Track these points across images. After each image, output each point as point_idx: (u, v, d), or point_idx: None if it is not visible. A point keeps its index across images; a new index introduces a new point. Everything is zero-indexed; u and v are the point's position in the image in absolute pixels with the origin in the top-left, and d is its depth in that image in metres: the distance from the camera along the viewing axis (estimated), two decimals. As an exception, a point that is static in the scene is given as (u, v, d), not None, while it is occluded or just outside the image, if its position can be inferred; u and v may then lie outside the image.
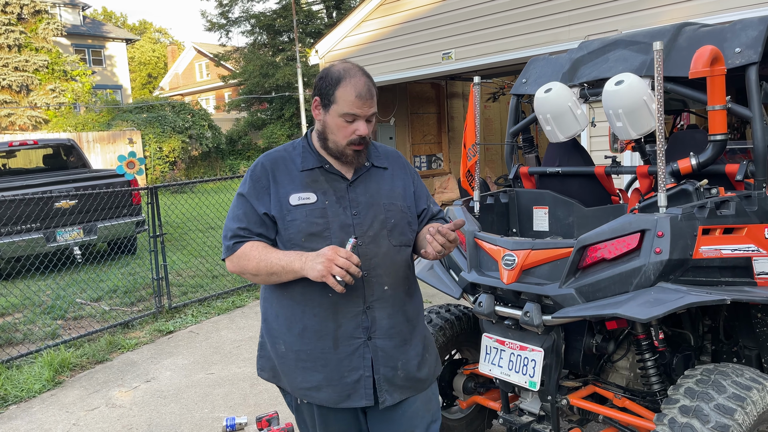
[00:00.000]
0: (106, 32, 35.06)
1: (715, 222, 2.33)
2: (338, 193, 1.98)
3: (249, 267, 1.93)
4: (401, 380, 2.01)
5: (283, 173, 1.99)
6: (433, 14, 8.16)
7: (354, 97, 1.90)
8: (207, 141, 22.36)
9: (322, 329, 1.95)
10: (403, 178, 2.12)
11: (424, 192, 2.18)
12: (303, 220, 1.92)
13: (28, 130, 22.60)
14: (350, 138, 1.94)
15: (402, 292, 2.04)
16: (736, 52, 2.61)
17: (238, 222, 1.98)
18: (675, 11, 6.18)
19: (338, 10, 25.47)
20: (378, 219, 1.99)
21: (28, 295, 6.87)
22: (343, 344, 1.95)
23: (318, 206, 1.94)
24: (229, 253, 1.97)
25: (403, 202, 2.07)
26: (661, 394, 2.57)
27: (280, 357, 2.03)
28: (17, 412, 4.22)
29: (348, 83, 1.91)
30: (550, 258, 2.42)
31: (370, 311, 1.96)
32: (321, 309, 1.94)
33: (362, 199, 1.99)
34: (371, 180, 2.05)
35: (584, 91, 3.08)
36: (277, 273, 1.89)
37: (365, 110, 1.92)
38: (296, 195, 1.95)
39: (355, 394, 1.96)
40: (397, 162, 2.15)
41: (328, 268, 1.78)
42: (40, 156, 10.49)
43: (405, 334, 2.03)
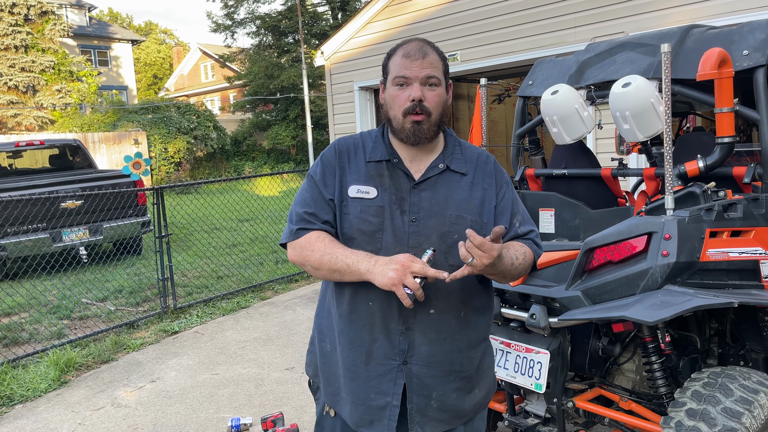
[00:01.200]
0: (112, 33, 35.20)
1: (722, 225, 2.32)
2: (400, 193, 1.77)
3: (312, 259, 1.74)
4: (434, 411, 1.78)
5: (352, 160, 1.82)
6: (438, 16, 8.16)
7: (402, 57, 1.73)
8: (212, 142, 22.41)
9: (356, 339, 1.78)
10: (485, 188, 1.82)
11: (510, 207, 1.84)
12: (356, 215, 1.75)
13: (34, 131, 22.72)
14: (405, 106, 1.72)
15: (453, 317, 1.77)
16: (744, 54, 2.61)
17: (305, 206, 1.80)
18: (682, 13, 6.16)
19: (343, 12, 25.50)
20: (438, 231, 1.74)
21: (34, 294, 6.90)
22: (376, 362, 1.75)
23: (375, 203, 1.75)
24: (292, 238, 1.80)
25: (476, 216, 1.78)
26: (668, 397, 2.56)
27: (325, 356, 1.88)
28: (23, 412, 4.23)
29: (400, 49, 1.76)
30: (557, 260, 2.42)
31: (409, 333, 1.74)
32: (359, 316, 1.77)
33: (425, 206, 1.75)
34: (442, 185, 1.79)
35: (591, 93, 3.07)
36: (340, 271, 1.70)
37: (415, 71, 1.71)
38: (356, 186, 1.77)
39: (378, 422, 1.76)
40: (483, 168, 1.85)
41: (401, 276, 1.58)
42: (46, 156, 10.53)
43: (449, 365, 1.78)
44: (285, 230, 1.85)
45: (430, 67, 1.72)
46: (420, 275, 1.58)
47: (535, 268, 1.88)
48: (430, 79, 1.73)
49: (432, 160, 1.82)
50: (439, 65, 1.75)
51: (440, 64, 1.76)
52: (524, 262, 1.76)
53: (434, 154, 1.83)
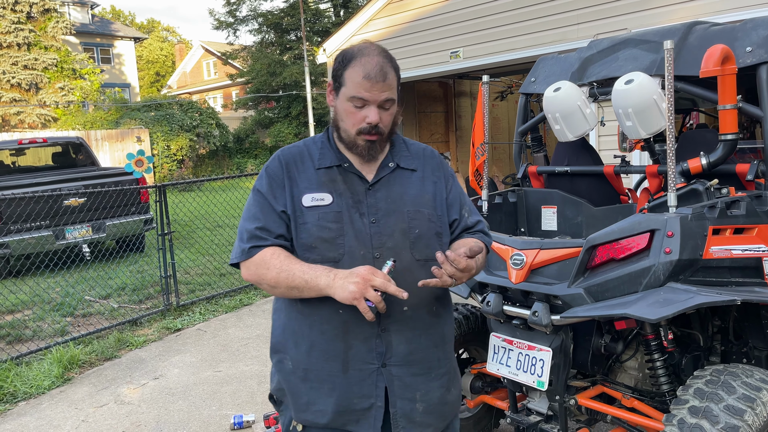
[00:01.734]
0: (115, 31, 35.22)
1: (725, 222, 2.32)
2: (356, 196, 1.76)
3: (268, 277, 1.69)
4: (420, 415, 1.76)
5: (300, 170, 1.78)
6: (441, 13, 8.15)
7: (361, 77, 1.67)
8: (214, 139, 22.42)
9: (329, 349, 1.72)
10: (435, 182, 1.86)
11: (458, 199, 1.89)
12: (315, 224, 1.71)
13: (37, 128, 22.76)
14: (359, 126, 1.71)
15: (426, 313, 1.78)
16: (747, 51, 2.60)
17: (255, 221, 1.74)
18: (685, 10, 6.14)
19: (346, 9, 25.48)
20: (399, 229, 1.74)
21: (38, 292, 6.92)
22: (353, 369, 1.72)
23: (332, 209, 1.72)
24: (244, 257, 1.73)
25: (431, 210, 1.81)
26: (670, 395, 2.56)
27: (287, 375, 1.81)
28: (26, 409, 4.25)
29: (358, 63, 1.69)
30: (559, 258, 2.41)
31: (385, 335, 1.72)
32: (329, 326, 1.72)
33: (382, 206, 1.76)
34: (395, 183, 1.80)
35: (593, 90, 3.07)
36: (298, 288, 1.66)
37: (375, 94, 1.67)
38: (310, 195, 1.73)
39: (363, 420, 1.74)
40: (429, 162, 1.89)
41: (362, 290, 1.56)
42: (49, 154, 10.55)
43: (428, 362, 1.78)
44: (235, 249, 1.77)
45: (388, 90, 1.70)
46: (381, 290, 1.57)
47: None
48: (387, 102, 1.72)
49: (381, 160, 1.82)
50: (395, 83, 1.73)
51: (396, 81, 1.74)
52: (484, 259, 1.83)
53: (382, 154, 1.83)
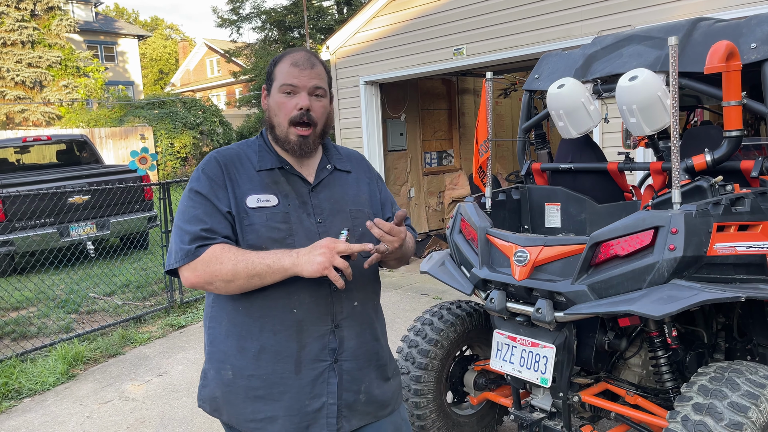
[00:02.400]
0: (118, 29, 35.26)
1: (729, 219, 2.31)
2: (301, 197, 1.79)
3: (223, 271, 1.63)
4: (362, 405, 1.81)
5: (240, 171, 1.77)
6: (444, 9, 8.13)
7: (290, 65, 1.74)
8: (218, 137, 22.44)
9: (282, 350, 1.71)
10: (369, 183, 1.96)
11: (389, 198, 2.01)
12: (263, 224, 1.70)
13: (41, 126, 22.80)
14: (292, 114, 1.73)
15: (371, 307, 1.86)
16: (752, 47, 2.59)
17: (199, 224, 1.68)
18: (690, 6, 6.12)
19: (349, 6, 25.45)
20: (344, 227, 1.76)
21: (43, 289, 6.94)
22: (306, 368, 1.72)
23: (280, 210, 1.73)
24: (189, 259, 1.66)
25: (369, 208, 1.89)
26: (674, 392, 2.56)
27: (226, 385, 1.75)
28: (31, 405, 4.27)
29: (287, 57, 1.78)
30: (563, 254, 2.41)
31: (338, 330, 1.76)
32: (282, 327, 1.71)
33: (326, 206, 1.81)
34: (335, 185, 1.86)
35: (597, 86, 3.06)
36: (260, 274, 1.62)
37: (304, 80, 1.73)
38: (254, 196, 1.73)
39: (315, 424, 1.73)
40: (360, 165, 1.98)
41: (329, 258, 1.58)
42: (53, 152, 10.58)
43: (370, 355, 1.84)
44: (173, 254, 1.70)
45: (317, 78, 1.76)
46: (346, 253, 1.61)
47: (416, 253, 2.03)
48: (317, 90, 1.76)
49: (317, 162, 1.87)
50: (325, 77, 1.79)
51: (325, 76, 1.80)
52: (413, 245, 1.95)
53: (317, 156, 1.88)
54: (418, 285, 6.92)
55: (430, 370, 3.02)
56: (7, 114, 23.73)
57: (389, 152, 9.51)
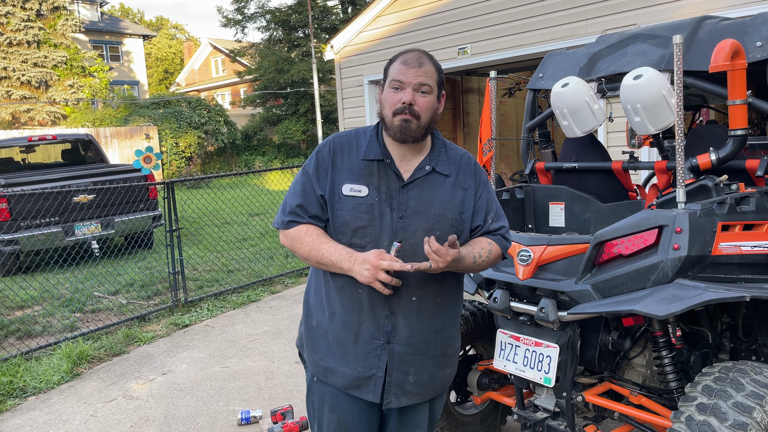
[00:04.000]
0: (124, 28, 35.35)
1: (734, 218, 2.30)
2: (390, 192, 1.93)
3: (301, 251, 1.95)
4: (411, 386, 2.00)
5: (344, 159, 1.97)
6: (449, 9, 8.12)
7: (400, 64, 1.91)
8: (223, 136, 22.48)
9: (347, 320, 1.96)
10: (465, 189, 2.01)
11: (485, 206, 2.04)
12: (349, 212, 1.92)
13: (46, 126, 22.89)
14: (396, 107, 1.89)
15: (431, 304, 1.98)
16: (758, 46, 2.58)
17: (296, 198, 1.98)
18: (695, 5, 6.10)
19: (353, 6, 25.45)
20: (423, 228, 1.91)
21: (47, 288, 6.97)
22: (363, 341, 1.95)
23: (366, 201, 1.92)
24: (282, 227, 2.00)
25: (457, 214, 1.97)
26: (678, 392, 2.54)
27: (310, 330, 2.06)
28: (36, 403, 4.28)
29: (399, 57, 1.95)
30: (567, 254, 2.40)
31: (393, 317, 1.94)
32: (350, 301, 1.95)
33: (412, 204, 1.93)
34: (427, 185, 1.96)
35: (602, 85, 3.05)
36: (326, 265, 1.92)
37: (410, 77, 1.88)
38: (349, 185, 1.93)
39: (365, 387, 1.97)
40: (465, 169, 2.03)
41: (373, 275, 1.81)
42: (58, 151, 10.61)
43: (426, 344, 2.00)
44: (278, 215, 2.04)
45: (424, 76, 1.89)
46: (389, 270, 1.80)
47: (504, 257, 2.12)
48: (423, 87, 1.90)
49: (420, 160, 1.99)
50: (434, 76, 1.92)
51: (435, 75, 1.93)
52: (488, 257, 2.00)
53: (422, 155, 2.00)
54: (422, 284, 6.91)
55: (433, 370, 3.01)
56: (13, 113, 23.82)
57: (393, 152, 9.49)
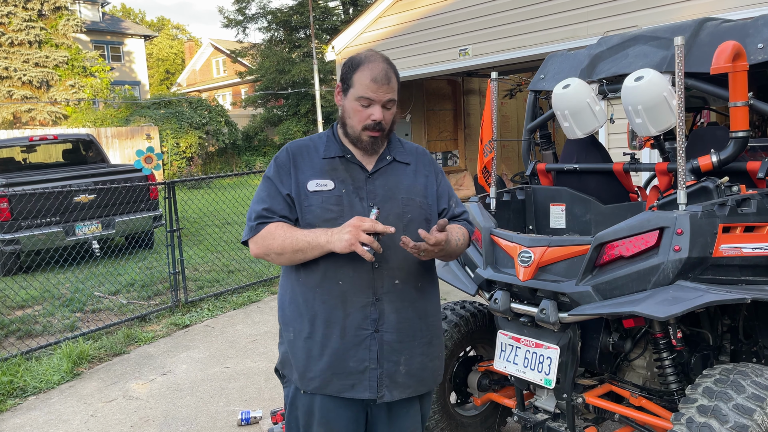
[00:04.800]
0: (125, 29, 35.38)
1: (735, 220, 2.30)
2: (356, 183, 1.99)
3: (274, 246, 1.93)
4: (402, 377, 1.99)
5: (305, 160, 2.02)
6: (450, 10, 8.12)
7: (369, 80, 1.92)
8: (223, 137, 22.49)
9: (331, 317, 1.95)
10: (426, 175, 2.11)
11: (447, 191, 2.15)
12: (319, 206, 1.95)
13: (48, 126, 22.91)
14: (365, 123, 1.95)
15: (412, 287, 2.02)
16: (759, 47, 2.57)
17: (262, 203, 1.99)
18: (696, 7, 6.10)
19: (355, 7, 25.46)
20: (394, 213, 1.97)
21: (48, 287, 6.97)
22: (350, 334, 1.94)
23: (334, 193, 1.96)
24: (252, 234, 1.98)
25: (423, 198, 2.06)
26: (679, 394, 2.54)
27: (291, 344, 2.04)
28: (36, 403, 4.28)
29: (366, 68, 1.94)
30: (567, 255, 2.40)
31: (379, 303, 1.95)
32: (330, 297, 1.95)
33: (380, 192, 2.00)
34: (391, 174, 2.05)
35: (603, 87, 3.05)
36: (302, 249, 1.89)
37: (380, 95, 1.93)
38: (314, 181, 1.97)
39: (359, 384, 1.95)
40: (422, 159, 2.14)
41: (355, 235, 1.79)
42: (59, 151, 10.61)
43: (413, 331, 2.02)
44: (245, 229, 2.03)
45: (391, 92, 1.96)
46: (371, 231, 1.79)
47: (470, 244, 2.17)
48: (389, 103, 1.97)
49: (379, 153, 2.06)
50: (396, 86, 2.00)
51: (397, 84, 2.00)
52: (464, 241, 2.08)
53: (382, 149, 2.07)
54: (423, 285, 6.91)
55: (433, 371, 3.01)
56: (14, 113, 23.84)
57: (394, 152, 9.50)
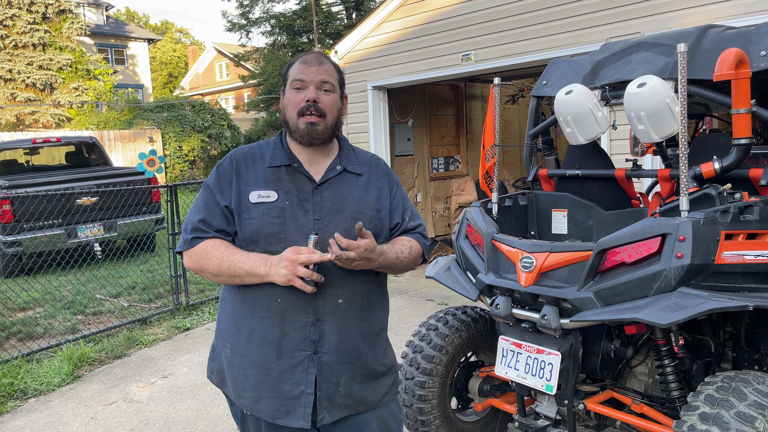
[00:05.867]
0: (129, 32, 35.49)
1: (738, 227, 2.29)
2: (302, 194, 1.87)
3: (210, 267, 1.83)
4: (342, 397, 1.87)
5: (249, 169, 1.90)
6: (453, 15, 8.14)
7: (300, 64, 1.89)
8: (226, 140, 22.52)
9: (267, 335, 1.83)
10: (380, 187, 1.98)
11: (401, 204, 2.02)
12: (259, 219, 1.83)
13: (51, 128, 22.95)
14: (300, 106, 1.85)
15: (357, 307, 1.88)
16: (762, 55, 2.57)
17: (199, 214, 1.88)
18: (699, 14, 6.10)
19: (358, 12, 25.52)
20: (341, 227, 1.84)
21: (49, 290, 6.97)
22: (287, 355, 1.82)
23: (277, 205, 1.84)
24: (186, 247, 1.88)
25: (374, 212, 1.93)
26: (681, 401, 2.54)
27: (227, 361, 1.92)
28: (36, 405, 4.28)
29: (298, 59, 1.93)
30: (569, 261, 2.40)
31: (319, 324, 1.82)
32: (268, 314, 1.83)
33: (327, 204, 1.87)
34: (341, 185, 1.92)
35: (606, 93, 3.05)
36: (240, 276, 1.80)
37: (311, 75, 1.85)
38: (256, 192, 1.85)
39: (294, 411, 1.83)
40: (376, 169, 2.02)
41: (292, 270, 1.71)
42: (62, 153, 10.64)
43: (355, 352, 1.88)
44: (180, 239, 1.93)
45: (325, 74, 1.88)
46: (307, 263, 1.71)
47: (425, 259, 2.05)
48: (325, 85, 1.87)
49: (329, 162, 1.95)
50: (335, 75, 1.92)
51: (335, 74, 1.92)
52: (410, 254, 1.95)
53: (330, 158, 1.96)
54: (424, 290, 6.91)
55: (434, 376, 3.01)
56: (18, 115, 23.90)
57: (396, 157, 9.53)
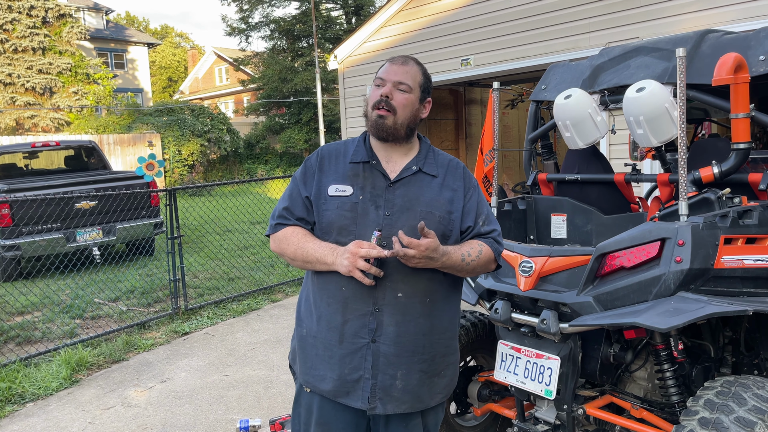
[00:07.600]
0: (129, 36, 35.54)
1: (737, 231, 2.29)
2: (376, 191, 1.97)
3: (287, 251, 2.00)
4: (399, 392, 1.93)
5: (332, 164, 2.04)
6: (452, 20, 8.16)
7: (386, 63, 2.01)
8: (225, 145, 22.54)
9: (332, 320, 1.96)
10: (455, 190, 2.02)
11: (475, 208, 2.03)
12: (334, 212, 1.96)
13: (50, 132, 22.97)
14: (374, 100, 1.97)
15: (417, 303, 1.94)
16: (761, 59, 2.58)
17: (284, 202, 2.05)
18: (698, 18, 6.12)
19: (357, 16, 25.59)
20: (409, 225, 1.91)
21: (48, 294, 6.96)
22: (348, 341, 1.94)
23: (350, 200, 1.96)
24: (271, 232, 2.06)
25: (444, 213, 1.97)
26: (680, 406, 2.53)
27: (301, 339, 2.06)
28: (34, 410, 4.26)
29: (388, 60, 2.03)
30: (568, 265, 2.40)
31: (378, 314, 1.91)
32: (333, 300, 1.96)
33: (398, 202, 1.95)
34: (414, 185, 1.99)
35: (604, 97, 3.05)
36: (311, 262, 1.95)
37: (390, 75, 1.96)
38: (335, 186, 1.99)
39: (353, 393, 1.94)
40: (453, 172, 2.05)
41: (352, 262, 1.82)
42: (61, 157, 10.64)
43: (413, 346, 1.94)
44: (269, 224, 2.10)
45: (404, 75, 1.96)
46: (367, 257, 1.81)
47: (499, 265, 2.08)
48: (401, 85, 1.96)
49: (407, 162, 2.03)
50: (417, 77, 1.99)
51: (418, 76, 1.99)
52: (479, 257, 1.96)
53: (408, 157, 2.04)
54: (423, 295, 6.89)
55: (433, 381, 3.00)
56: (17, 119, 23.92)
57: (395, 161, 9.51)
